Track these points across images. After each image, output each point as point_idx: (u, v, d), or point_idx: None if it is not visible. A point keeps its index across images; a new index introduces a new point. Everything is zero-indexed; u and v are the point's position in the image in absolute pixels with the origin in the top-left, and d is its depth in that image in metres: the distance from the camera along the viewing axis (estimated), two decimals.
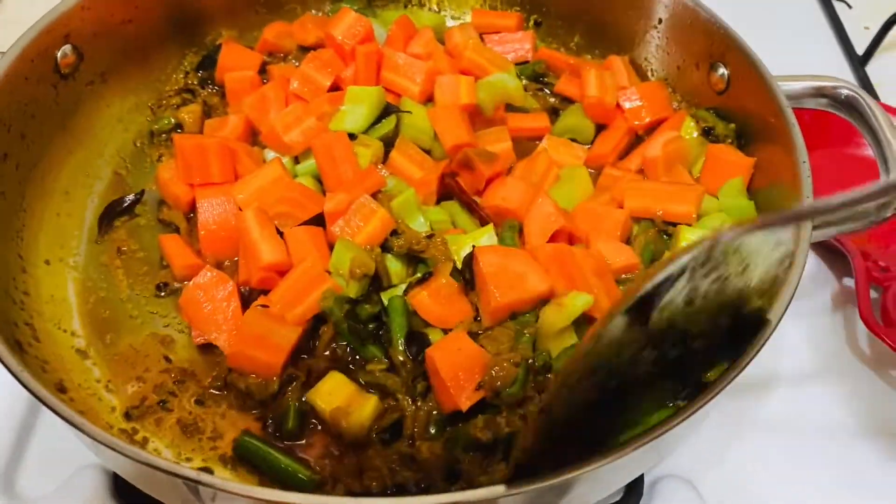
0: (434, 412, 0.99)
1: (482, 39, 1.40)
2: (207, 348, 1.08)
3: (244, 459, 0.97)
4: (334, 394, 0.99)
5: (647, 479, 1.11)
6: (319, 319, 1.05)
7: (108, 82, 1.27)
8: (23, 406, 1.16)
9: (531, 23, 1.47)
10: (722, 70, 1.22)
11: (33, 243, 1.12)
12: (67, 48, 1.18)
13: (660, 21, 1.30)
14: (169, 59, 1.36)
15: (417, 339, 1.04)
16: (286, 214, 1.11)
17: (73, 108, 1.21)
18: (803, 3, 1.90)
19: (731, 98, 1.22)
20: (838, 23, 1.83)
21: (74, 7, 1.17)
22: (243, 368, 1.02)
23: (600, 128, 1.31)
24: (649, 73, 1.37)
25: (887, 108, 1.40)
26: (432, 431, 0.98)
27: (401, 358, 1.02)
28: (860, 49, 1.75)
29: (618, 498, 1.10)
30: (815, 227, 0.99)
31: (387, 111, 1.23)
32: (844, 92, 1.09)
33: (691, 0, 1.24)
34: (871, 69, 1.72)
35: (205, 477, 0.76)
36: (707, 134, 1.24)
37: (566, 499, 0.90)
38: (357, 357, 1.05)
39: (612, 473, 0.94)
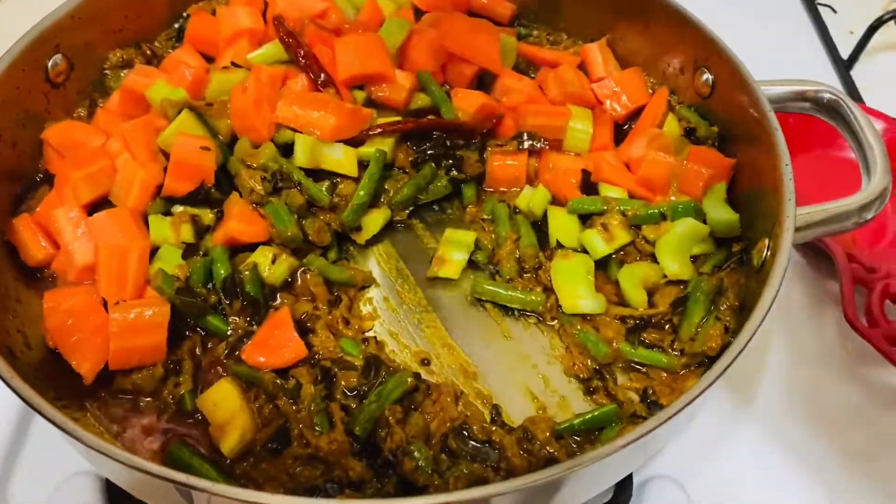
0: (313, 406, 0.98)
1: None
2: None
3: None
4: (219, 405, 0.97)
5: (636, 480, 1.12)
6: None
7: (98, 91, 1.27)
8: (14, 414, 1.17)
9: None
10: (707, 75, 1.23)
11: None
12: (58, 58, 1.18)
13: (646, 27, 1.32)
14: None
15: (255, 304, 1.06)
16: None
17: (64, 118, 1.21)
18: (789, 8, 1.92)
19: (716, 102, 1.23)
20: (823, 27, 1.84)
21: (64, 17, 1.18)
22: (129, 363, 1.00)
23: None
24: None
25: (870, 112, 1.42)
26: (317, 423, 0.97)
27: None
28: (845, 53, 1.77)
29: (608, 498, 1.11)
30: (797, 230, 1.00)
31: None
32: (826, 96, 1.10)
33: (679, 7, 1.25)
34: (857, 73, 1.74)
35: (195, 481, 0.76)
36: (689, 134, 1.25)
37: (556, 498, 0.91)
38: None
39: (598, 472, 0.96)
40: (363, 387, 1.00)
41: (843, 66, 1.75)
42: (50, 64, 1.17)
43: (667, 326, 1.09)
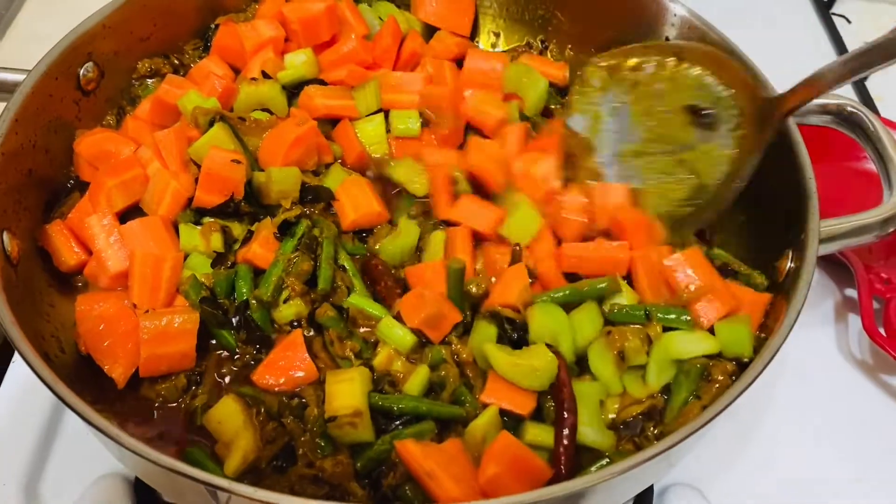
0: (316, 427, 0.98)
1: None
2: None
3: None
4: (224, 423, 0.97)
5: (656, 488, 1.14)
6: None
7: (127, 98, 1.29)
8: (44, 417, 1.18)
9: (537, 42, 1.49)
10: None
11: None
12: (89, 66, 1.20)
13: (667, 39, 1.33)
14: None
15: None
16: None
17: (93, 125, 1.23)
18: (803, 19, 1.93)
19: None
20: (838, 38, 1.86)
21: (97, 25, 1.19)
22: (159, 370, 1.02)
23: None
24: None
25: (887, 123, 1.43)
26: (322, 444, 0.97)
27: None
28: None
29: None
30: (821, 242, 1.01)
31: None
32: (848, 109, 1.12)
33: (700, 20, 1.26)
34: (871, 84, 1.75)
35: (237, 487, 0.77)
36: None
37: None
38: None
39: (623, 484, 0.97)
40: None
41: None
42: (81, 72, 1.19)
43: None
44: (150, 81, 1.30)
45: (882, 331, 1.23)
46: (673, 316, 1.04)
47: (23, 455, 1.14)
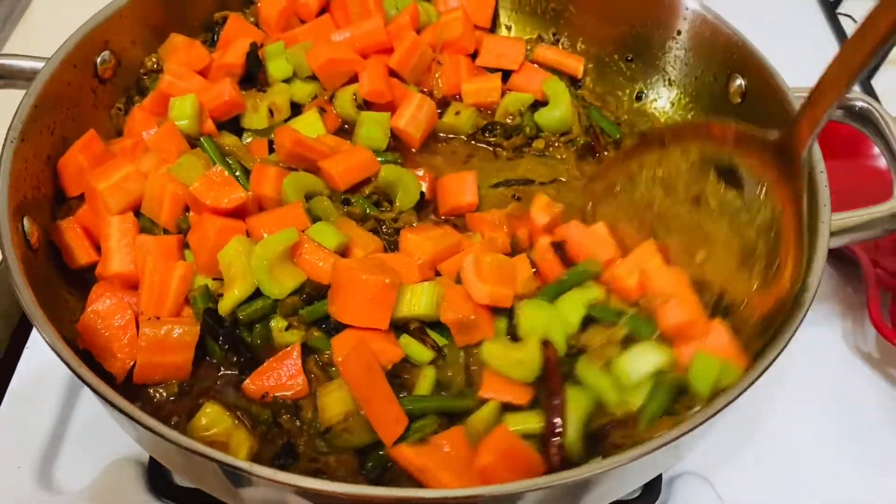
0: (312, 429, 0.98)
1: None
2: None
3: None
4: (212, 427, 0.96)
5: (664, 477, 1.15)
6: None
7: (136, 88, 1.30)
8: (58, 401, 1.20)
9: (549, 35, 1.50)
10: (739, 81, 1.25)
11: None
12: (106, 54, 1.21)
13: (678, 32, 1.34)
14: None
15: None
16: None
17: (109, 113, 1.24)
18: (808, 17, 1.94)
19: (748, 109, 1.25)
20: (844, 37, 1.87)
21: (114, 15, 1.21)
22: (153, 378, 1.01)
23: None
24: (667, 82, 1.41)
25: None
26: (322, 445, 0.97)
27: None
28: None
29: (636, 495, 1.13)
30: (831, 235, 1.02)
31: None
32: (859, 104, 1.13)
33: (712, 14, 1.28)
34: (877, 82, 1.76)
35: (258, 469, 0.78)
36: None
37: (586, 497, 0.92)
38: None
39: (632, 473, 0.97)
40: None
41: (865, 76, 1.77)
42: (98, 60, 1.20)
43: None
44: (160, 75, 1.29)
45: (889, 324, 1.24)
46: (642, 327, 1.02)
47: (37, 439, 1.16)
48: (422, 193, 1.23)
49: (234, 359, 1.03)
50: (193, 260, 1.07)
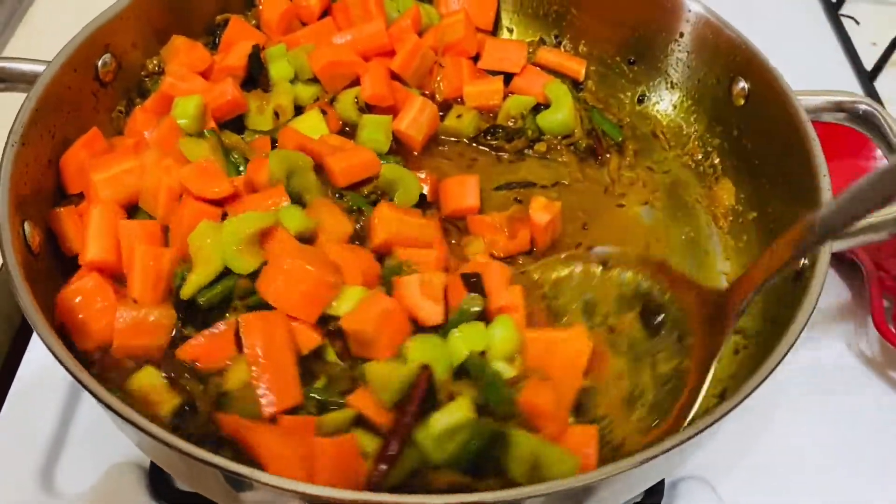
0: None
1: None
2: None
3: None
4: (143, 383, 0.98)
5: (666, 481, 1.14)
6: None
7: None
8: (59, 404, 1.19)
9: (551, 38, 1.50)
10: (742, 84, 1.25)
11: None
12: (107, 57, 1.21)
13: (681, 35, 1.34)
14: None
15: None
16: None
17: (110, 117, 1.24)
18: (811, 19, 1.94)
19: (752, 111, 1.25)
20: (846, 38, 1.87)
21: (115, 17, 1.20)
22: (129, 357, 1.01)
23: None
24: (669, 85, 1.40)
25: None
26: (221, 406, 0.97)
27: None
28: (868, 65, 1.79)
29: (638, 499, 1.13)
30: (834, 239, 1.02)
31: None
32: (862, 107, 1.13)
33: (714, 17, 1.27)
34: (880, 85, 1.76)
35: (258, 475, 0.78)
36: None
37: (587, 503, 0.91)
38: None
39: (634, 479, 0.96)
40: None
41: (867, 78, 1.77)
42: (100, 63, 1.20)
43: None
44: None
45: (892, 328, 1.24)
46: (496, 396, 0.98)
47: (39, 442, 1.15)
48: (423, 196, 1.23)
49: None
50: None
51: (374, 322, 0.99)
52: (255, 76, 1.31)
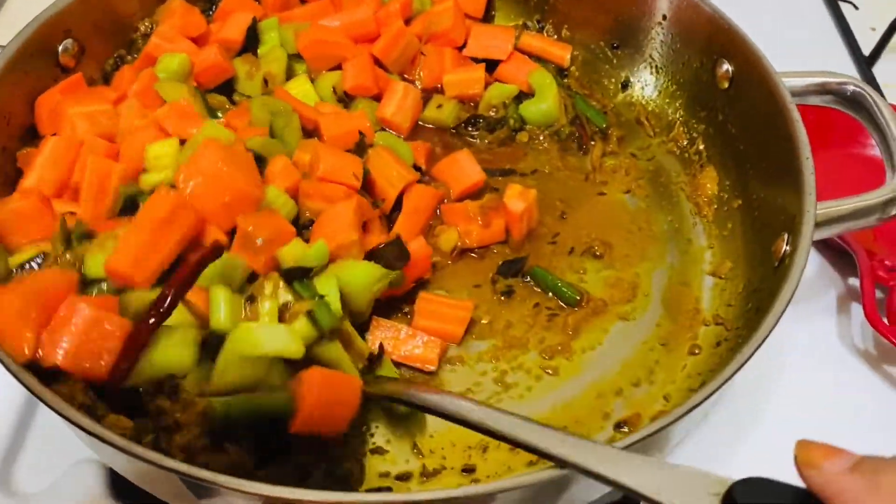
0: None
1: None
2: None
3: None
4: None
5: None
6: None
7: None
8: (20, 399, 1.16)
9: (533, 23, 1.46)
10: (726, 66, 1.21)
11: None
12: (69, 42, 1.18)
13: (664, 17, 1.30)
14: None
15: None
16: None
17: None
18: (808, 4, 1.89)
19: (736, 94, 1.21)
20: (844, 24, 1.82)
21: (74, 2, 1.17)
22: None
23: None
24: (653, 70, 1.37)
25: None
26: None
27: None
28: (867, 50, 1.74)
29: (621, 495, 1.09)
30: (818, 225, 0.98)
31: None
32: (850, 88, 1.08)
33: None
34: (878, 70, 1.71)
35: (206, 474, 0.75)
36: None
37: (567, 494, 0.89)
38: None
39: None
40: None
41: (865, 63, 1.72)
42: (61, 49, 1.17)
43: None
44: None
45: (885, 319, 1.19)
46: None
47: None
48: (419, 168, 1.22)
49: None
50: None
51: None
52: (249, 49, 1.29)
